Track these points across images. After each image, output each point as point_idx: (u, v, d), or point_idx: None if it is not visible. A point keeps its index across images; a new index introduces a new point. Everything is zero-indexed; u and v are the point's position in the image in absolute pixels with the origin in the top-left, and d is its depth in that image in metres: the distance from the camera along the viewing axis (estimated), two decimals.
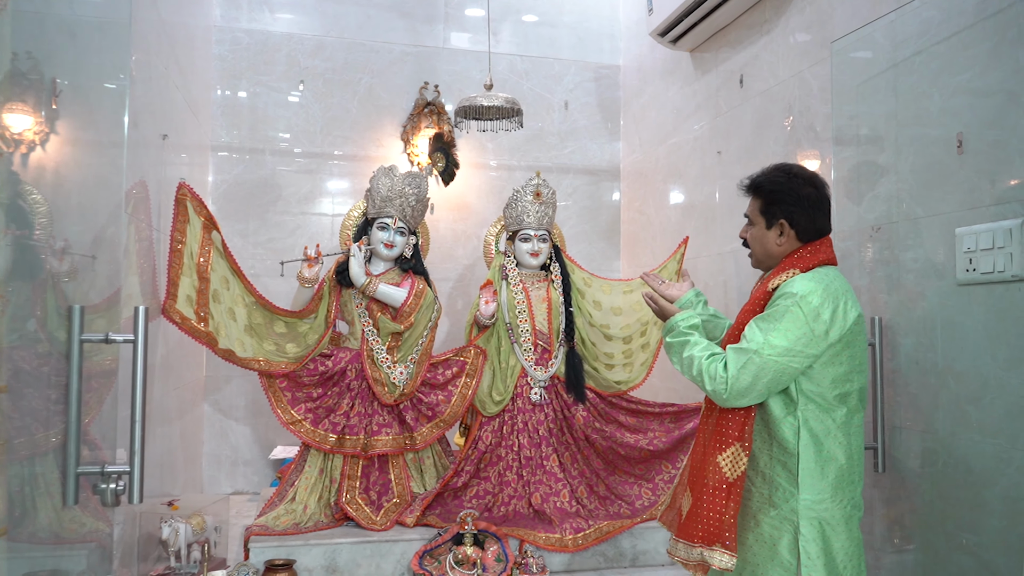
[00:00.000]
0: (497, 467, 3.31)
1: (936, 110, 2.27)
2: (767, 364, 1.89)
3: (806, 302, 1.90)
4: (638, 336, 3.52)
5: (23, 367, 1.73)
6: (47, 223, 1.81)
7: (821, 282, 1.94)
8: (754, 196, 2.13)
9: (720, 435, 2.00)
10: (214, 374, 4.09)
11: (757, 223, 2.12)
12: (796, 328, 1.89)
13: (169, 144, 3.13)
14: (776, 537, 1.96)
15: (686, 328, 2.10)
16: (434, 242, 4.38)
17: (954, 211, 2.19)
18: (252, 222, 4.24)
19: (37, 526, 1.78)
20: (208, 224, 3.00)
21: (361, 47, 4.42)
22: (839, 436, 1.95)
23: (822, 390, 1.94)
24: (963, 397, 2.15)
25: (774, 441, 1.98)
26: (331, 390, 3.20)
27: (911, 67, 2.37)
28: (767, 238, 2.09)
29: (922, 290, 2.31)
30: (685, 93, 3.93)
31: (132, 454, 1.95)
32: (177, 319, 2.89)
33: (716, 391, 1.95)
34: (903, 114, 2.40)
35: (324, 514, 3.12)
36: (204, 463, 4.12)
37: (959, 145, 2.15)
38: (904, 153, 2.39)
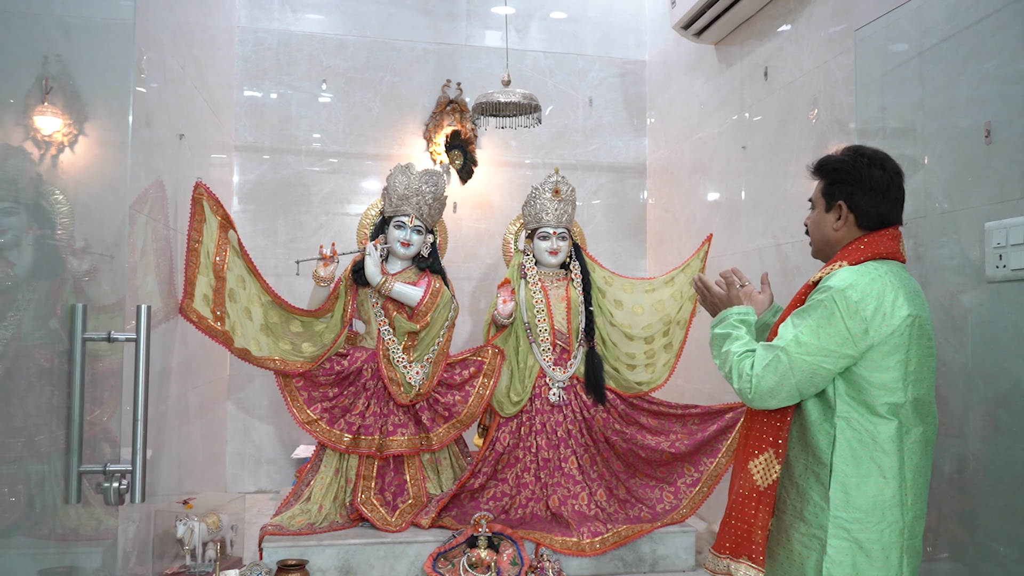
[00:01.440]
0: (515, 469, 3.26)
1: (964, 99, 2.17)
2: (795, 363, 1.73)
3: (843, 296, 1.71)
4: (660, 336, 3.45)
5: (44, 365, 1.74)
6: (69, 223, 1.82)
7: (867, 275, 1.74)
8: (819, 177, 1.94)
9: (754, 440, 1.86)
10: (237, 373, 4.10)
11: (818, 206, 1.94)
12: (829, 324, 1.71)
13: (188, 144, 3.13)
14: (804, 555, 1.79)
15: (736, 321, 1.93)
16: (457, 241, 4.35)
17: (983, 204, 2.09)
18: (275, 221, 4.25)
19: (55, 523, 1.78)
20: (224, 223, 3.00)
21: (383, 45, 4.40)
22: (886, 450, 1.74)
23: (866, 397, 1.73)
24: (993, 400, 2.05)
25: (809, 449, 1.81)
26: (347, 390, 3.18)
27: (938, 55, 2.27)
28: (824, 222, 1.91)
29: (951, 288, 2.21)
30: (710, 87, 3.84)
31: (134, 453, 1.94)
32: (194, 318, 2.90)
33: (742, 390, 1.82)
34: (930, 104, 2.30)
35: (339, 514, 3.10)
36: (228, 461, 4.14)
37: (987, 135, 2.05)
38: (931, 144, 2.29)
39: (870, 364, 1.73)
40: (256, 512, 3.71)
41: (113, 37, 2.21)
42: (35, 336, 1.61)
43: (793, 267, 3.07)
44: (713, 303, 2.06)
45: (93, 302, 2.28)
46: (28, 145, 1.47)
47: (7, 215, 1.44)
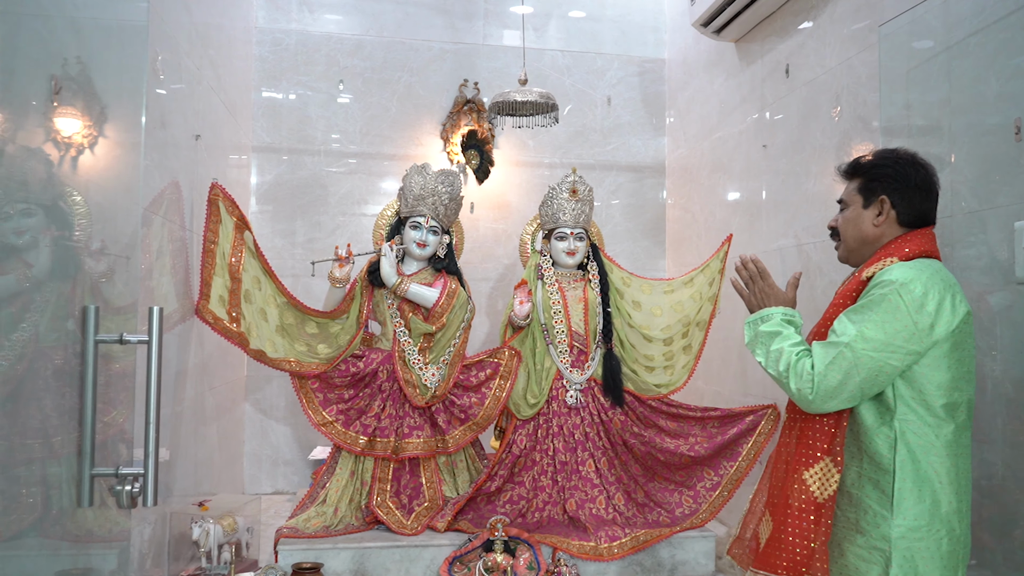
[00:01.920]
0: (531, 472, 3.23)
1: (993, 95, 2.11)
2: (860, 360, 1.66)
3: (907, 290, 1.66)
4: (680, 338, 3.39)
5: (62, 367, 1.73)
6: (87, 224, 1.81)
7: (925, 271, 1.71)
8: (852, 178, 1.91)
9: (807, 448, 1.77)
10: (255, 374, 4.10)
11: (852, 203, 1.89)
12: (895, 319, 1.66)
13: (204, 145, 3.13)
14: (864, 570, 1.71)
15: (783, 320, 1.86)
16: (474, 241, 4.33)
17: (1013, 204, 2.03)
18: (293, 222, 4.25)
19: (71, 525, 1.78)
20: (240, 224, 2.99)
21: (400, 45, 4.38)
22: (943, 455, 1.69)
23: (926, 398, 1.69)
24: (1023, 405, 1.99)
25: (864, 455, 1.74)
26: (362, 391, 3.17)
27: (965, 50, 2.21)
28: (862, 218, 1.85)
29: (980, 290, 2.15)
30: (730, 85, 3.79)
31: (146, 456, 1.93)
32: (210, 319, 2.89)
33: (801, 391, 1.72)
34: (957, 100, 2.24)
35: (355, 517, 3.08)
36: (245, 462, 4.14)
37: (1017, 132, 1.99)
38: (959, 142, 2.23)
39: (932, 362, 1.68)
40: (273, 514, 3.71)
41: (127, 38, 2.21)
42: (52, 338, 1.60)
43: (815, 268, 3.01)
44: (758, 295, 1.94)
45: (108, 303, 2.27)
46: (47, 147, 1.46)
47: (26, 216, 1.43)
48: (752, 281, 1.95)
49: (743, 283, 1.99)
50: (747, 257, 1.97)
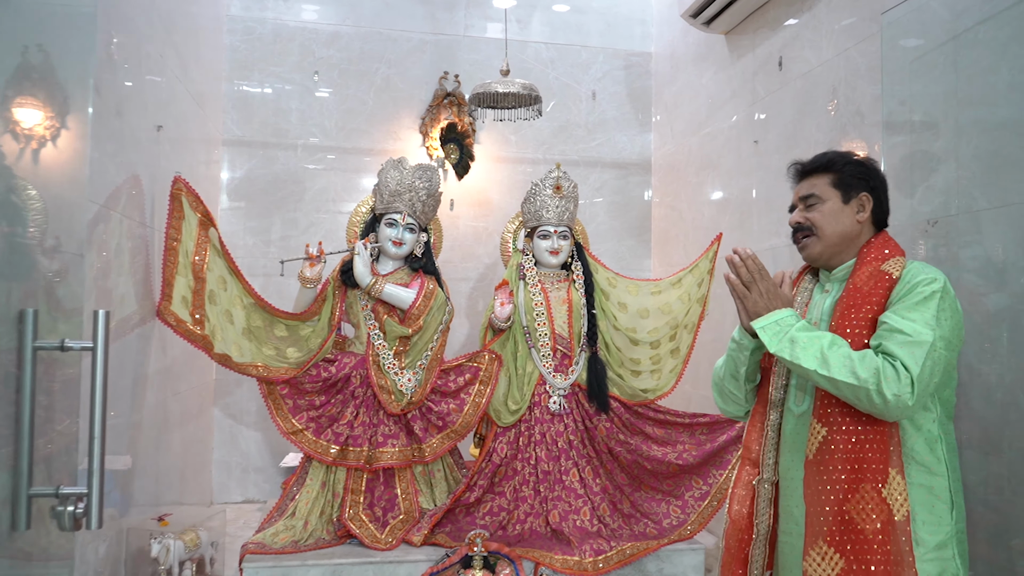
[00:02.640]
0: (512, 482, 3.08)
1: (1004, 87, 1.99)
2: (940, 358, 1.59)
3: (948, 289, 1.64)
4: (667, 340, 3.26)
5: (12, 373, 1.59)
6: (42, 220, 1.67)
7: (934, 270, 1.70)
8: (819, 174, 1.82)
9: (875, 462, 1.61)
10: (224, 377, 3.93)
11: (829, 198, 1.79)
12: (950, 316, 1.62)
13: (168, 137, 2.96)
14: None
15: (803, 323, 1.70)
16: (454, 240, 4.18)
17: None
18: (266, 219, 4.07)
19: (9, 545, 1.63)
20: (205, 220, 2.83)
21: (378, 36, 4.22)
22: (955, 453, 1.70)
23: (950, 396, 1.68)
24: None
25: (911, 463, 1.64)
26: (334, 398, 3.00)
27: (973, 39, 2.08)
28: (844, 213, 1.78)
29: (986, 292, 2.02)
30: (719, 79, 3.65)
31: (91, 474, 1.76)
32: (172, 321, 2.73)
33: (900, 396, 1.55)
34: (964, 93, 2.11)
35: (326, 531, 2.91)
36: (214, 470, 3.97)
37: None
38: (965, 137, 2.11)
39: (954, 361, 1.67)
40: (242, 524, 3.54)
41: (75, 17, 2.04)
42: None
43: None
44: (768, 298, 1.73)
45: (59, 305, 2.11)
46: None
47: None
48: (755, 280, 1.76)
49: (741, 282, 1.79)
50: (744, 252, 1.77)
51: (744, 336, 1.80)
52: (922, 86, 2.28)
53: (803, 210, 1.83)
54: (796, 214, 1.84)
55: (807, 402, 1.76)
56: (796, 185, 1.89)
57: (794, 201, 1.87)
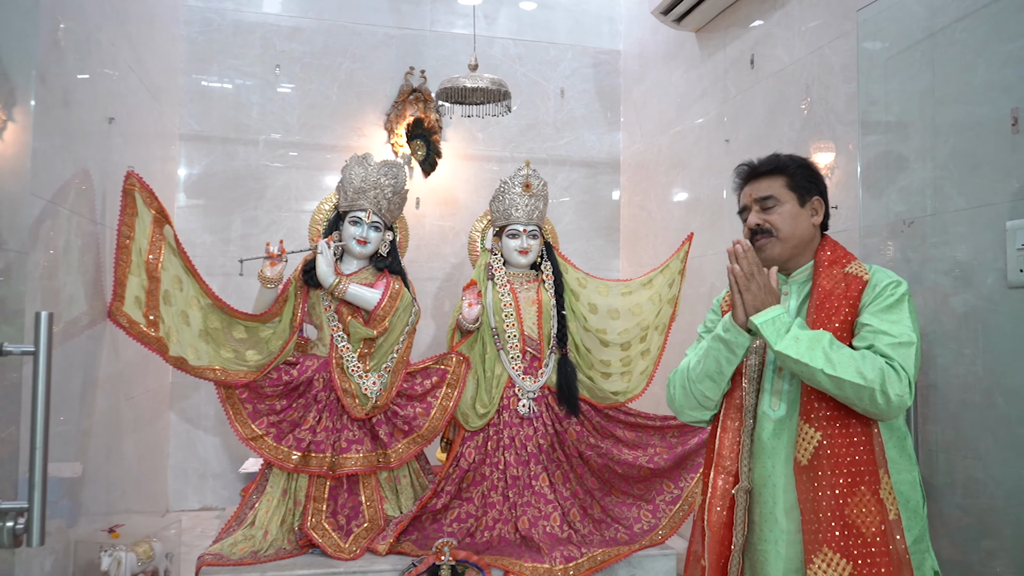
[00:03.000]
0: (481, 487, 3.00)
1: (982, 84, 1.96)
2: (919, 358, 1.64)
3: (909, 292, 1.69)
4: (637, 342, 3.21)
5: None
6: None
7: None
8: (772, 176, 1.81)
9: (862, 464, 1.60)
10: (181, 381, 3.79)
11: (786, 200, 1.78)
12: (914, 318, 1.67)
13: (120, 130, 2.83)
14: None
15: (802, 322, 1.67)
16: (420, 239, 4.09)
17: (1005, 201, 1.88)
18: (225, 217, 3.94)
19: None
20: (159, 217, 2.70)
21: (341, 30, 4.11)
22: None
23: None
24: (1016, 418, 1.84)
25: (889, 461, 1.65)
26: (296, 402, 2.90)
27: (951, 36, 2.06)
28: (802, 216, 1.79)
29: (964, 293, 1.99)
30: (690, 77, 3.61)
31: (32, 487, 1.65)
32: (124, 323, 2.60)
33: (902, 395, 1.55)
34: (942, 90, 2.08)
35: (287, 540, 2.80)
36: (170, 477, 3.82)
37: (1014, 123, 1.84)
38: (943, 135, 2.08)
39: None
40: (199, 533, 3.41)
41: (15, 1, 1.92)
42: None
43: None
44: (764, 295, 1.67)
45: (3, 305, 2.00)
46: None
47: None
48: (753, 275, 1.68)
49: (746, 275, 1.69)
50: (745, 244, 1.70)
51: (738, 333, 1.71)
52: (898, 84, 2.25)
53: (760, 212, 1.81)
54: (754, 216, 1.81)
55: (783, 407, 1.72)
56: (744, 186, 1.87)
57: (747, 202, 1.84)
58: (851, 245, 2.43)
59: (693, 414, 1.88)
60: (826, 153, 2.61)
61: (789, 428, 1.70)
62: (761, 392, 1.76)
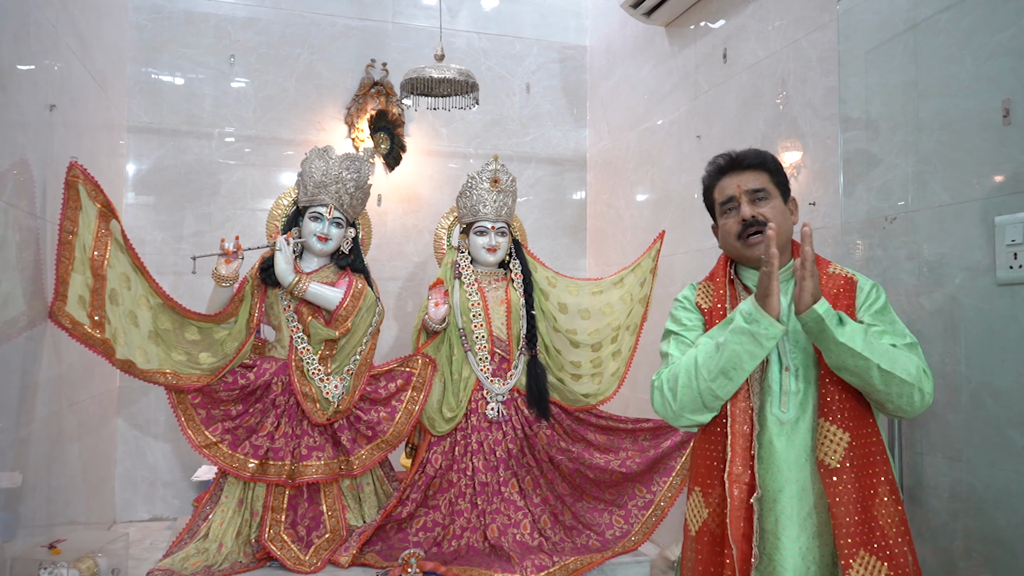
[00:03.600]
0: (448, 494, 2.88)
1: (968, 76, 1.91)
2: None
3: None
4: (608, 343, 3.13)
5: None
6: None
7: None
8: (757, 170, 1.78)
9: (878, 464, 1.60)
10: (129, 385, 3.60)
11: (775, 195, 1.77)
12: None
13: (64, 120, 2.66)
14: None
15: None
16: (382, 237, 3.96)
17: (992, 196, 1.83)
18: (176, 213, 3.76)
19: None
20: (105, 212, 2.54)
21: (300, 19, 3.96)
22: None
23: None
24: (1005, 420, 1.79)
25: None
26: (253, 407, 2.75)
27: (935, 27, 2.00)
28: (786, 213, 1.79)
29: (950, 291, 1.94)
30: (659, 72, 3.55)
31: None
32: (67, 324, 2.43)
33: (930, 393, 1.62)
34: (925, 83, 2.03)
35: (243, 553, 2.66)
36: (117, 486, 3.63)
37: (1005, 115, 1.79)
38: (926, 129, 2.02)
39: None
40: (148, 545, 3.24)
41: None
42: None
43: None
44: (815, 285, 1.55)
45: None
46: None
47: None
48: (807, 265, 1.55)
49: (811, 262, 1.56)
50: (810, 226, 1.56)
51: (770, 324, 1.55)
52: (879, 77, 2.19)
53: (752, 204, 1.73)
54: (748, 208, 1.72)
55: (793, 408, 1.64)
56: (723, 178, 1.81)
57: (733, 193, 1.75)
58: (831, 242, 2.38)
59: (693, 417, 1.70)
60: (803, 149, 2.55)
61: (801, 431, 1.63)
62: (766, 394, 1.67)
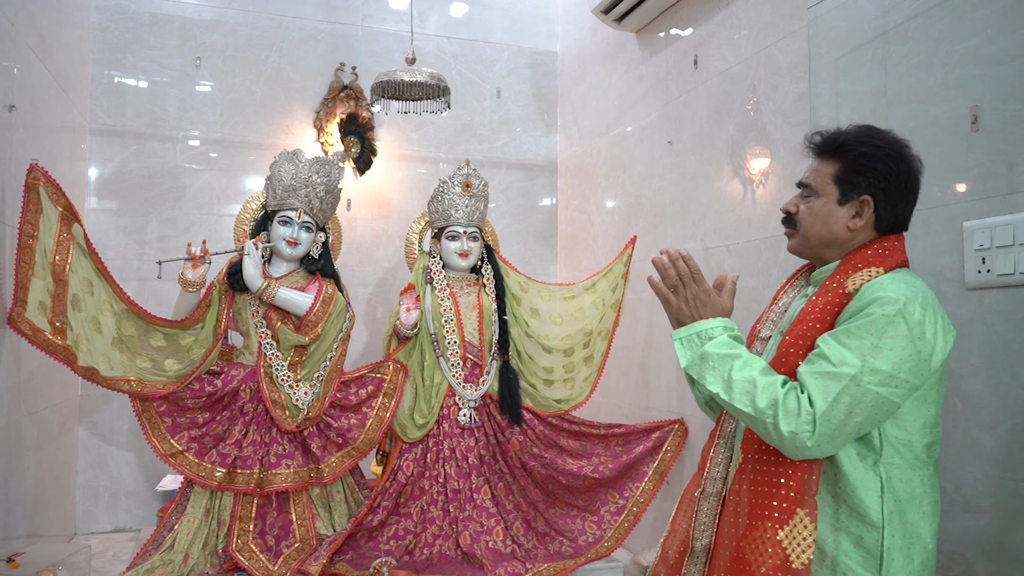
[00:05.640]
0: (420, 502, 2.85)
1: (936, 84, 1.93)
2: (866, 396, 1.37)
3: (908, 311, 1.38)
4: (580, 348, 3.12)
5: None
6: None
7: (918, 288, 1.43)
8: (828, 158, 1.57)
9: (775, 498, 1.42)
10: (91, 392, 3.51)
11: (824, 193, 1.56)
12: (900, 347, 1.37)
13: (24, 122, 2.59)
14: None
15: (731, 338, 1.51)
16: (352, 242, 3.92)
17: (961, 202, 1.86)
18: (140, 218, 3.68)
19: None
20: (67, 215, 2.48)
21: (267, 22, 3.91)
22: (926, 504, 1.45)
23: (911, 437, 1.43)
24: (975, 423, 1.81)
25: (842, 506, 1.44)
26: (220, 415, 2.70)
27: (904, 35, 2.03)
28: (835, 216, 1.54)
29: None
30: (630, 78, 3.56)
31: None
32: (27, 330, 2.36)
33: (798, 434, 1.37)
34: (895, 90, 2.06)
35: (210, 564, 2.60)
36: (78, 497, 3.54)
37: (974, 122, 1.81)
38: None
39: (921, 395, 1.42)
40: (111, 557, 3.16)
41: None
42: None
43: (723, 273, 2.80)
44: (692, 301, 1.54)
45: None
46: None
47: None
48: (683, 285, 1.53)
49: (669, 286, 1.56)
50: (675, 252, 1.54)
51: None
52: (849, 84, 2.22)
53: (797, 198, 1.63)
54: (790, 200, 1.63)
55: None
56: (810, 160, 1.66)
57: (800, 180, 1.64)
58: None
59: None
60: (773, 155, 2.57)
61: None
62: None
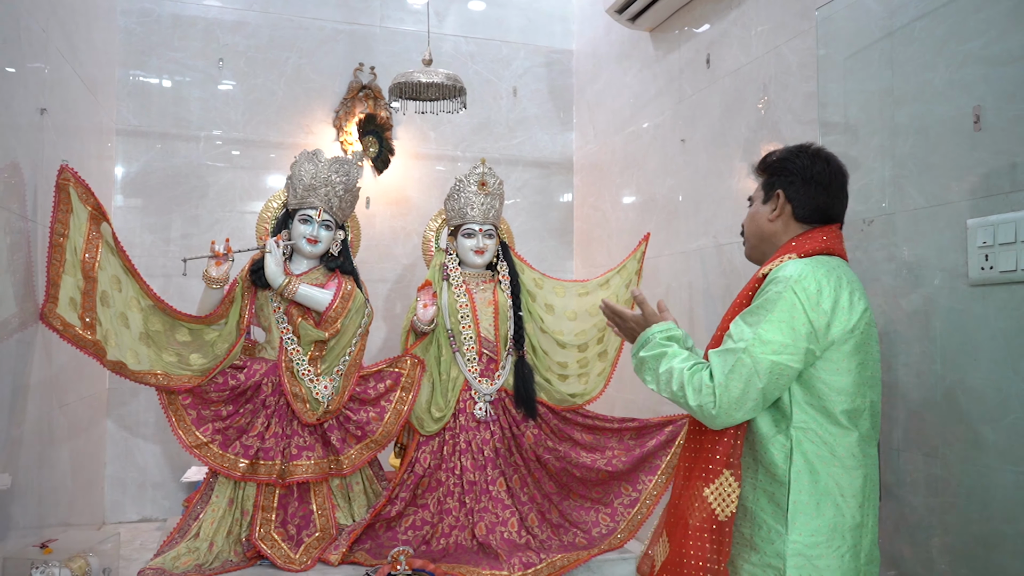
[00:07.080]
0: (436, 493, 2.92)
1: (941, 83, 1.96)
2: (760, 364, 1.56)
3: (801, 286, 1.58)
4: (595, 343, 3.17)
5: None
6: None
7: (820, 267, 1.62)
8: (761, 172, 1.87)
9: (706, 461, 1.65)
10: (119, 386, 3.61)
11: (756, 199, 1.86)
12: (791, 317, 1.57)
13: (54, 124, 2.68)
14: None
15: (663, 339, 1.77)
16: (371, 239, 3.99)
17: (965, 200, 1.89)
18: (165, 216, 3.78)
19: None
20: (96, 214, 2.56)
21: (288, 23, 3.99)
22: (846, 467, 1.60)
23: (825, 404, 1.60)
24: (977, 416, 1.84)
25: (760, 467, 1.64)
26: (243, 408, 2.78)
27: (910, 35, 2.06)
28: (759, 214, 1.82)
29: (926, 292, 2.00)
30: (644, 77, 3.60)
31: None
32: (58, 325, 2.45)
33: (703, 406, 1.60)
34: (901, 90, 2.09)
35: (234, 552, 2.68)
36: (107, 487, 3.65)
37: (976, 121, 1.85)
38: (902, 134, 2.08)
39: (829, 365, 1.60)
40: (139, 546, 3.25)
41: None
42: None
43: (736, 270, 2.85)
44: (630, 327, 1.89)
45: None
46: None
47: None
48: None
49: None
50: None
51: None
52: (856, 84, 2.25)
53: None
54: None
55: None
56: None
57: None
58: None
59: None
60: None
61: None
62: None
